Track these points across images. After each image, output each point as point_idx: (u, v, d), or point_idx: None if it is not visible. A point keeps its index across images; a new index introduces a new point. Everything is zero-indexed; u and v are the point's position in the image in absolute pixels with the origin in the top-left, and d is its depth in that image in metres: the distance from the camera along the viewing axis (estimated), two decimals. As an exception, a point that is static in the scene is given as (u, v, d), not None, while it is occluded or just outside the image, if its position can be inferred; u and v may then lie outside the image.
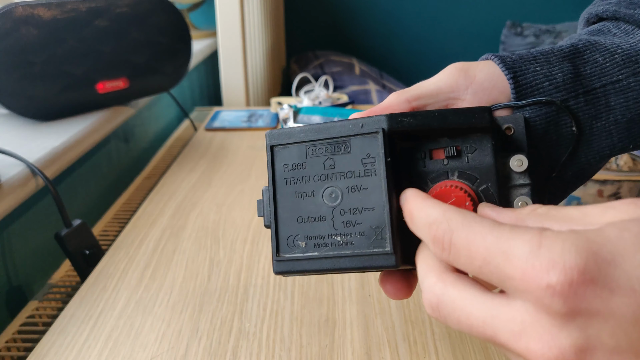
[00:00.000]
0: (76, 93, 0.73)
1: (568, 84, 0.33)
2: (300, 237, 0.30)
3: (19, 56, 0.66)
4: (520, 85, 0.33)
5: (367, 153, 0.29)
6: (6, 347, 0.50)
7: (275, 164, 0.31)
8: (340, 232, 0.29)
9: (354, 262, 0.29)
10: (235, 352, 0.44)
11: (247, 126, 1.02)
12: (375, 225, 0.28)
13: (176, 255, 0.58)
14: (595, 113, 0.33)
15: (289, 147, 0.31)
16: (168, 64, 0.85)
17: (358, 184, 0.29)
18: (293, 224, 0.30)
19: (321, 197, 0.30)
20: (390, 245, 0.28)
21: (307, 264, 0.30)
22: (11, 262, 0.61)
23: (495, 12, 2.19)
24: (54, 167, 0.62)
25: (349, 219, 0.29)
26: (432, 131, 0.30)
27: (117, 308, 0.50)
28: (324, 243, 0.29)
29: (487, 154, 0.30)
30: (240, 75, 1.34)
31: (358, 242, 0.29)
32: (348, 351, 0.44)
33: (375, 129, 0.29)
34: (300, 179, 0.31)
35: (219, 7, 1.29)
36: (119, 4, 0.77)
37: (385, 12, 2.21)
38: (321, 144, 0.30)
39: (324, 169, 0.30)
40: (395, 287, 0.31)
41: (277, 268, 0.30)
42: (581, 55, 0.34)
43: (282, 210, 0.31)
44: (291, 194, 0.31)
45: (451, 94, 0.33)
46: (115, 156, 0.93)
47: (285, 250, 0.30)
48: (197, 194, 0.73)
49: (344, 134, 0.30)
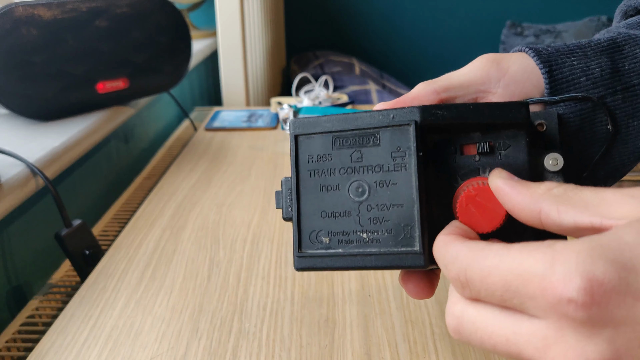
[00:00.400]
0: (76, 93, 0.73)
1: (606, 80, 0.31)
2: (323, 233, 0.29)
3: (19, 56, 0.66)
4: (556, 80, 0.31)
5: (397, 146, 0.28)
6: (6, 347, 0.50)
7: (299, 154, 0.30)
8: (367, 229, 0.28)
9: (380, 261, 0.27)
10: (235, 352, 0.44)
11: (247, 126, 1.02)
12: (404, 222, 0.27)
13: (176, 255, 0.58)
14: (633, 111, 0.32)
15: (314, 137, 0.30)
16: (168, 64, 0.85)
17: (387, 179, 0.28)
18: (316, 218, 0.29)
19: (347, 191, 0.29)
20: (419, 244, 0.27)
21: (331, 261, 0.28)
22: (11, 262, 0.61)
23: (495, 12, 2.19)
24: (54, 167, 0.62)
25: (376, 215, 0.28)
26: (466, 125, 0.28)
27: (117, 308, 0.50)
28: (349, 239, 0.28)
29: (521, 151, 0.28)
30: (240, 75, 1.34)
31: (385, 239, 0.27)
32: (348, 351, 0.44)
33: (407, 120, 0.27)
34: (325, 172, 0.29)
35: (219, 7, 1.29)
36: (119, 4, 0.77)
37: (386, 12, 2.21)
38: (349, 135, 0.29)
39: (350, 161, 0.29)
40: (418, 286, 0.30)
41: (298, 264, 0.29)
42: (620, 50, 0.32)
43: (304, 204, 0.29)
44: (315, 187, 0.29)
45: (482, 86, 0.32)
46: (115, 156, 0.93)
47: (308, 246, 0.29)
48: (197, 194, 0.73)
49: (373, 125, 0.28)
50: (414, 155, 0.27)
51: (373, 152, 0.28)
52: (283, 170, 0.80)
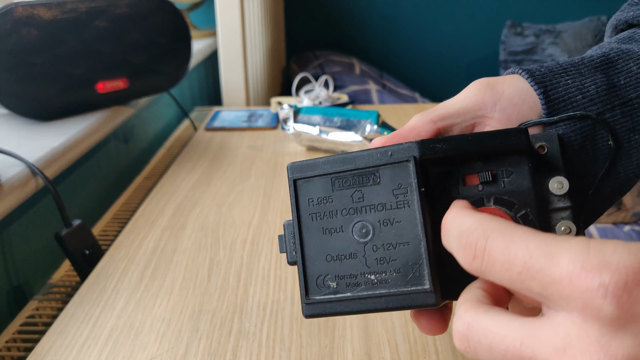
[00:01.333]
0: (76, 93, 0.73)
1: (602, 96, 0.31)
2: (330, 277, 0.28)
3: (19, 57, 0.66)
4: (552, 100, 0.31)
5: (398, 183, 0.27)
6: (6, 347, 0.50)
7: (300, 198, 0.30)
8: (374, 270, 0.27)
9: (391, 302, 0.27)
10: (235, 352, 0.44)
11: (247, 126, 1.02)
12: (411, 261, 0.27)
13: (176, 255, 0.58)
14: (633, 125, 0.31)
15: (312, 180, 0.29)
16: (168, 64, 0.85)
17: (390, 217, 0.27)
18: (322, 262, 0.28)
19: (351, 232, 0.28)
20: (429, 282, 0.26)
21: (340, 306, 0.28)
22: (11, 262, 0.61)
23: (495, 12, 2.19)
24: (54, 167, 0.62)
25: (382, 256, 0.27)
26: (466, 156, 0.28)
27: (117, 308, 0.50)
28: (357, 282, 0.27)
29: (524, 177, 0.28)
30: (240, 75, 1.34)
31: (394, 280, 0.27)
32: (348, 351, 0.44)
33: (406, 157, 0.27)
34: (327, 214, 0.29)
35: (219, 7, 1.29)
36: (119, 5, 0.77)
37: (385, 12, 2.21)
38: (348, 176, 0.28)
39: (352, 202, 0.28)
40: (430, 322, 0.29)
41: (307, 311, 0.28)
42: (614, 65, 0.32)
43: (308, 248, 0.29)
44: (318, 230, 0.29)
45: (478, 111, 0.31)
46: (115, 156, 0.93)
47: (315, 292, 0.28)
48: (197, 194, 0.73)
49: (372, 164, 0.28)
50: (415, 192, 0.27)
51: (374, 191, 0.28)
52: (283, 170, 0.80)
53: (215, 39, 1.45)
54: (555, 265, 0.19)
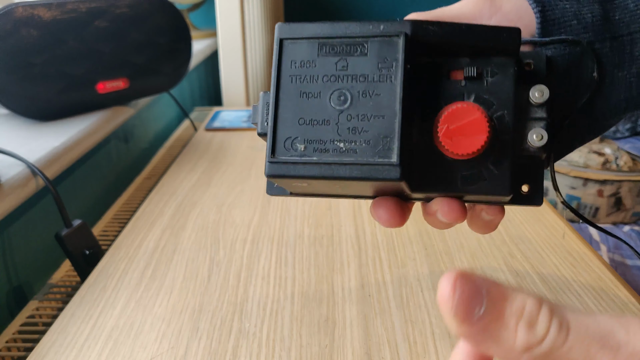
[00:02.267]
0: (76, 93, 0.73)
1: (597, 26, 0.31)
2: (299, 140, 0.28)
3: (19, 57, 0.66)
4: (547, 21, 0.31)
5: (384, 57, 0.27)
6: (6, 347, 0.50)
7: (283, 59, 0.29)
8: (344, 139, 0.27)
9: (355, 171, 0.27)
10: (235, 352, 0.44)
11: (247, 126, 1.02)
12: (383, 134, 0.26)
13: (176, 255, 0.58)
14: (619, 61, 0.31)
15: (299, 42, 0.28)
16: (168, 64, 0.85)
17: (371, 89, 0.27)
18: (294, 125, 0.28)
19: (328, 99, 0.28)
20: (397, 156, 0.26)
21: (304, 169, 0.27)
22: (11, 262, 0.61)
23: (495, 12, 2.19)
24: (54, 167, 0.62)
25: (355, 125, 0.27)
26: (456, 45, 0.28)
27: (117, 308, 0.50)
28: (325, 148, 0.27)
29: (507, 80, 0.28)
30: (240, 75, 1.34)
31: (362, 150, 0.27)
32: (348, 351, 0.44)
33: (397, 32, 0.27)
34: (308, 78, 0.28)
35: (219, 7, 1.29)
36: (119, 5, 0.77)
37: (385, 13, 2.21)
38: (336, 42, 0.28)
39: (335, 69, 0.28)
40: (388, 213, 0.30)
41: (269, 170, 0.28)
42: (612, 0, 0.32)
43: (283, 110, 0.28)
44: (295, 93, 0.28)
45: (473, 21, 0.31)
46: (115, 156, 0.93)
47: (282, 153, 0.28)
48: (197, 194, 0.73)
49: (362, 34, 0.27)
50: (400, 68, 0.27)
51: (359, 62, 0.27)
52: (283, 170, 0.80)
53: (215, 39, 1.46)
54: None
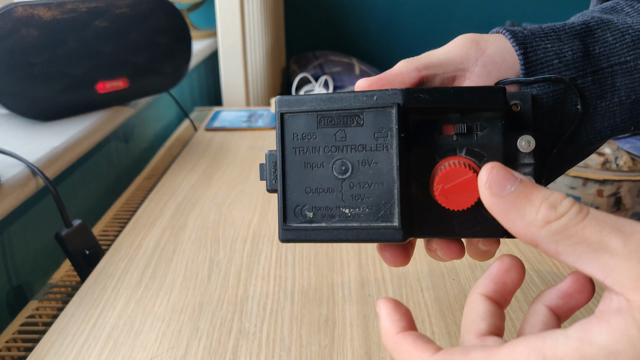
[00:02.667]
0: (76, 93, 0.73)
1: (577, 62, 0.33)
2: (308, 208, 0.30)
3: (19, 57, 0.67)
4: (530, 62, 0.32)
5: (380, 127, 0.29)
6: (6, 347, 0.50)
7: (285, 132, 0.31)
8: (349, 205, 0.29)
9: (361, 235, 0.29)
10: (235, 352, 0.44)
11: (247, 126, 1.02)
12: (384, 200, 0.29)
13: (176, 255, 0.58)
14: (601, 93, 0.33)
15: (299, 115, 0.30)
16: (168, 64, 0.85)
17: (369, 158, 0.29)
18: (301, 194, 0.30)
19: (331, 169, 0.30)
20: (398, 220, 0.28)
21: (314, 234, 0.30)
22: (11, 262, 0.61)
23: (495, 12, 2.19)
24: (54, 167, 0.62)
25: (358, 193, 0.29)
26: (447, 109, 0.30)
27: (117, 308, 0.50)
28: (332, 214, 0.30)
29: (496, 133, 0.29)
30: (240, 75, 1.34)
31: (366, 215, 0.29)
32: (348, 351, 0.44)
33: (390, 103, 0.29)
34: (310, 149, 0.30)
35: (219, 7, 1.29)
36: (119, 5, 0.77)
37: (385, 13, 2.21)
38: (333, 115, 0.30)
39: (335, 140, 0.30)
40: (394, 254, 0.32)
41: (283, 236, 0.30)
42: (592, 34, 0.33)
43: (289, 180, 0.31)
44: (300, 164, 0.30)
45: (460, 65, 0.33)
46: (115, 156, 0.93)
47: (292, 220, 0.30)
48: (197, 194, 0.73)
49: (357, 106, 0.29)
50: (395, 137, 0.29)
51: (357, 132, 0.29)
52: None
53: (215, 39, 1.45)
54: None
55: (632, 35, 0.33)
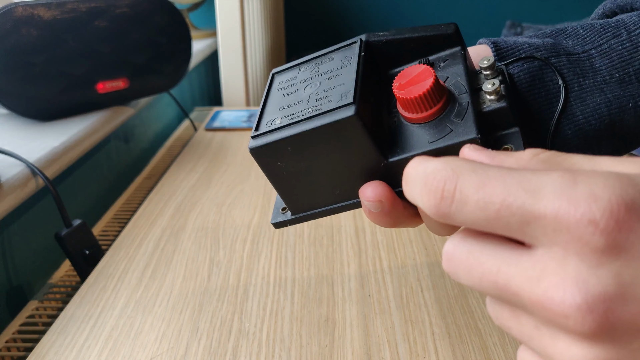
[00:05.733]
0: (76, 93, 0.73)
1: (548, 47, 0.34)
2: (278, 117, 0.32)
3: (19, 57, 0.66)
4: (500, 49, 0.35)
5: (346, 56, 0.33)
6: (6, 347, 0.50)
7: (272, 85, 0.35)
8: (312, 105, 0.31)
9: (319, 121, 0.30)
10: (235, 352, 0.44)
11: (247, 126, 1.02)
12: (343, 92, 0.30)
13: (176, 255, 0.58)
14: (581, 72, 0.34)
15: (286, 71, 0.36)
16: (168, 64, 0.85)
17: (334, 74, 0.32)
18: (275, 111, 0.33)
19: (302, 90, 0.33)
20: (351, 96, 0.29)
21: (279, 133, 0.31)
22: (11, 262, 0.61)
23: (495, 12, 2.19)
24: (54, 167, 0.62)
25: (321, 96, 0.31)
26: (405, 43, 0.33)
27: (117, 308, 0.50)
28: (297, 116, 0.31)
29: (457, 59, 0.32)
30: (240, 75, 1.34)
31: (326, 106, 0.30)
32: (348, 351, 0.44)
33: (354, 40, 0.34)
34: (289, 85, 0.34)
35: (219, 7, 1.29)
36: (119, 5, 0.77)
37: (385, 13, 2.21)
38: (311, 62, 0.35)
39: (309, 74, 0.34)
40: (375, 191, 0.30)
41: (251, 144, 0.32)
42: (563, 32, 0.36)
43: (268, 106, 0.34)
44: (279, 96, 0.34)
45: None
46: (115, 156, 0.93)
47: (262, 128, 0.32)
48: (197, 194, 0.73)
49: (330, 50, 0.35)
50: (356, 55, 0.32)
51: (327, 64, 0.34)
52: (283, 170, 0.80)
53: (215, 39, 1.45)
54: (538, 200, 0.18)
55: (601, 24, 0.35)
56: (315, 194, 0.33)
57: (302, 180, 0.32)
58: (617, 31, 0.34)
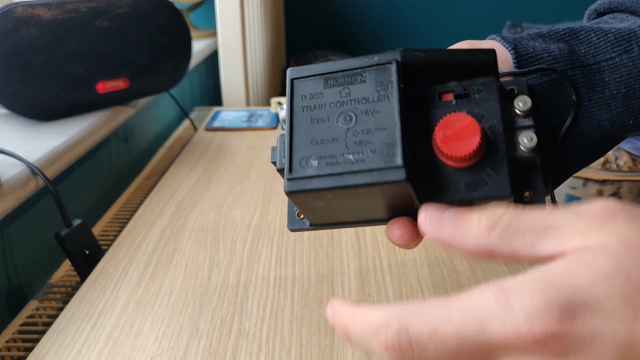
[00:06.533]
0: (76, 93, 0.73)
1: (565, 58, 0.34)
2: (313, 157, 0.30)
3: (19, 57, 0.66)
4: (521, 55, 0.34)
5: (381, 81, 0.31)
6: (6, 347, 0.50)
7: (294, 95, 0.32)
8: (353, 151, 0.30)
9: (365, 178, 0.29)
10: (235, 352, 0.44)
11: (247, 126, 1.02)
12: (386, 143, 0.29)
13: (176, 255, 0.58)
14: (592, 85, 0.34)
15: (308, 79, 0.32)
16: (168, 64, 0.85)
17: (372, 108, 0.30)
18: (307, 146, 0.31)
19: (336, 121, 0.31)
20: (400, 158, 0.28)
21: (319, 182, 0.30)
22: (11, 262, 0.61)
23: (495, 12, 2.19)
24: (54, 167, 0.62)
25: (361, 139, 0.30)
26: (441, 67, 0.31)
27: (117, 308, 0.50)
28: (337, 162, 0.30)
29: (492, 94, 0.31)
30: (240, 75, 1.34)
31: (369, 159, 0.29)
32: (348, 351, 0.44)
33: (389, 60, 0.31)
34: (317, 107, 0.32)
35: (219, 7, 1.29)
36: (119, 4, 0.77)
37: (385, 12, 2.21)
38: (338, 76, 0.32)
39: (339, 96, 0.31)
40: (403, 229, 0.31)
41: (288, 187, 0.30)
42: (576, 36, 0.35)
43: (297, 136, 0.31)
44: (307, 120, 0.31)
45: None
46: (115, 156, 0.93)
47: (298, 170, 0.30)
48: (197, 194, 0.73)
49: (360, 66, 0.31)
50: (395, 86, 0.30)
51: (359, 88, 0.31)
52: (283, 170, 0.80)
53: (215, 39, 1.45)
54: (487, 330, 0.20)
55: (614, 34, 0.35)
56: (340, 216, 0.33)
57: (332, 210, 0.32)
58: (629, 45, 0.35)
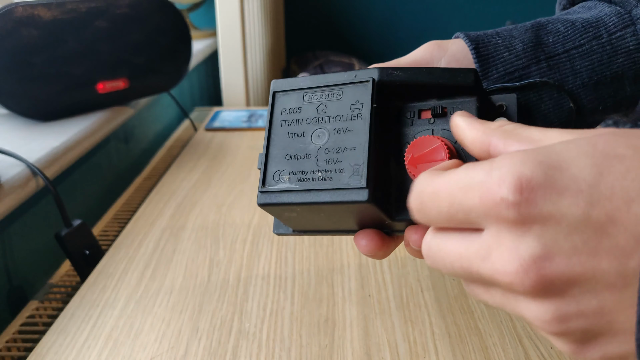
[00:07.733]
0: (76, 93, 0.73)
1: (528, 52, 0.35)
2: (285, 172, 0.32)
3: (19, 57, 0.66)
4: (482, 56, 0.35)
5: (356, 99, 0.31)
6: (6, 347, 0.50)
7: (275, 108, 0.34)
8: (322, 169, 0.31)
9: (331, 196, 0.30)
10: (235, 352, 0.44)
11: (247, 126, 1.02)
12: (354, 163, 0.30)
13: (176, 255, 0.58)
14: (561, 77, 0.35)
15: (289, 93, 0.34)
16: (168, 64, 0.85)
17: (344, 127, 0.31)
18: (281, 160, 0.32)
19: (310, 137, 0.32)
20: (364, 180, 0.29)
21: (288, 197, 0.31)
22: (11, 262, 0.61)
23: (495, 12, 2.19)
24: (54, 167, 0.62)
25: (331, 157, 0.31)
26: (420, 86, 0.31)
27: (117, 308, 0.50)
28: (306, 178, 0.31)
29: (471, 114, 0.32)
30: (240, 75, 1.34)
31: (336, 177, 0.30)
32: (348, 351, 0.44)
33: (366, 78, 0.31)
34: (295, 122, 0.33)
35: (219, 7, 1.29)
36: (119, 5, 0.77)
37: (385, 13, 2.21)
38: (317, 91, 0.33)
39: (316, 113, 0.32)
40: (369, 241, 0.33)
41: (260, 199, 0.32)
42: (544, 27, 0.36)
43: (273, 149, 0.33)
44: (284, 134, 0.33)
45: (426, 64, 0.36)
46: (115, 156, 0.93)
47: (270, 184, 0.32)
48: (197, 194, 0.73)
49: (338, 82, 0.32)
50: (369, 106, 0.31)
51: (336, 105, 0.32)
52: (283, 170, 0.80)
53: (215, 39, 1.45)
54: (469, 195, 0.22)
55: (581, 23, 0.35)
56: (316, 225, 0.34)
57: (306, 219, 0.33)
58: (597, 32, 0.35)
